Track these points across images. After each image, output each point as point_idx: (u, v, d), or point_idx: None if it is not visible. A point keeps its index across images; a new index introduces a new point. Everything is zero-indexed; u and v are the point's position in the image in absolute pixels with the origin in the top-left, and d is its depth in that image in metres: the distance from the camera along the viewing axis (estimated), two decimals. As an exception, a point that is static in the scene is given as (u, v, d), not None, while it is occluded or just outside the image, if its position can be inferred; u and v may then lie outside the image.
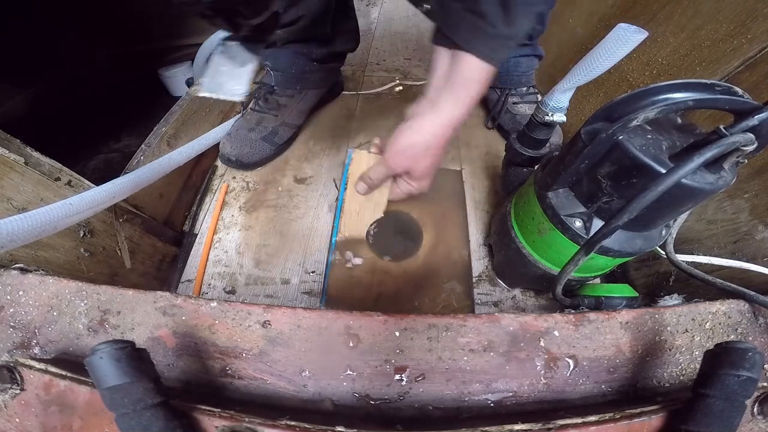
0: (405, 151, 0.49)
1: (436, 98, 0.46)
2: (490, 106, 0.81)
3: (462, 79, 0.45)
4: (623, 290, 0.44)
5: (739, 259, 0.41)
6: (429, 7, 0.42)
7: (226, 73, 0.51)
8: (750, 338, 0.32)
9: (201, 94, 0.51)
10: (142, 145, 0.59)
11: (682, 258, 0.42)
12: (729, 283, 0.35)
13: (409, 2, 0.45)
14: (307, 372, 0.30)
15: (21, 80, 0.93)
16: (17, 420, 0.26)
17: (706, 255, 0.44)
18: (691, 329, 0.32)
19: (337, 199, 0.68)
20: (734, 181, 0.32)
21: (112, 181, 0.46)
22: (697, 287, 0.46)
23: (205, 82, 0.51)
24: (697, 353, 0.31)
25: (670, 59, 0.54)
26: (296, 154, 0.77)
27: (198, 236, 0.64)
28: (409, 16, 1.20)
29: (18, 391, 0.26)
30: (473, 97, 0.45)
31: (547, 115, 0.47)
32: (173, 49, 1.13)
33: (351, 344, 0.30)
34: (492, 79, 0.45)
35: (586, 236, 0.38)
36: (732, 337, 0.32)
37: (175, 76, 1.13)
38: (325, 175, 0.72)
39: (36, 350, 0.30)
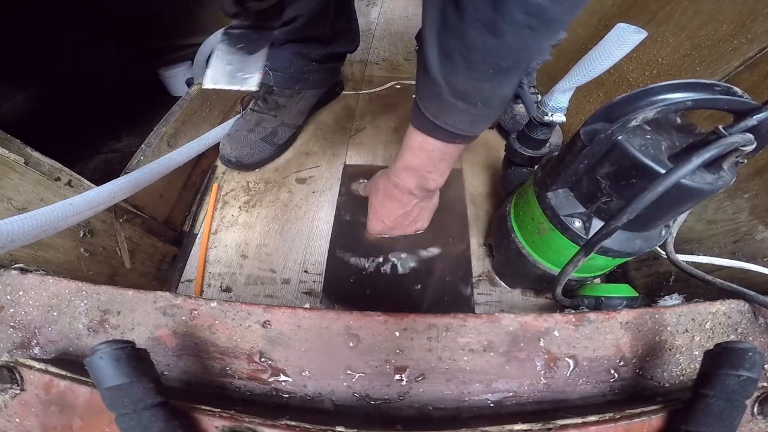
0: (378, 199, 0.56)
1: (392, 165, 0.50)
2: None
3: (405, 143, 0.45)
4: (623, 290, 0.44)
5: (739, 259, 0.41)
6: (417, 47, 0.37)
7: (234, 62, 0.47)
8: (750, 338, 0.32)
9: (206, 86, 0.46)
10: (142, 145, 0.59)
11: (682, 258, 0.42)
12: (729, 283, 0.35)
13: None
14: (307, 372, 0.30)
15: (21, 80, 0.93)
16: (17, 420, 0.26)
17: (706, 255, 0.44)
18: (691, 329, 0.32)
19: None
20: (734, 181, 0.32)
21: (112, 181, 0.46)
22: (697, 287, 0.46)
23: (210, 73, 0.46)
24: (697, 353, 0.31)
25: (670, 59, 0.54)
26: (296, 154, 0.77)
27: (198, 236, 0.64)
28: (409, 16, 1.20)
29: (18, 391, 0.26)
30: (413, 159, 0.45)
31: (547, 115, 0.47)
32: (173, 49, 1.13)
33: (351, 344, 0.30)
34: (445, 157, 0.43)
35: (585, 236, 0.38)
36: (732, 337, 0.32)
37: (175, 76, 1.13)
38: (326, 175, 0.72)
39: (36, 350, 0.30)
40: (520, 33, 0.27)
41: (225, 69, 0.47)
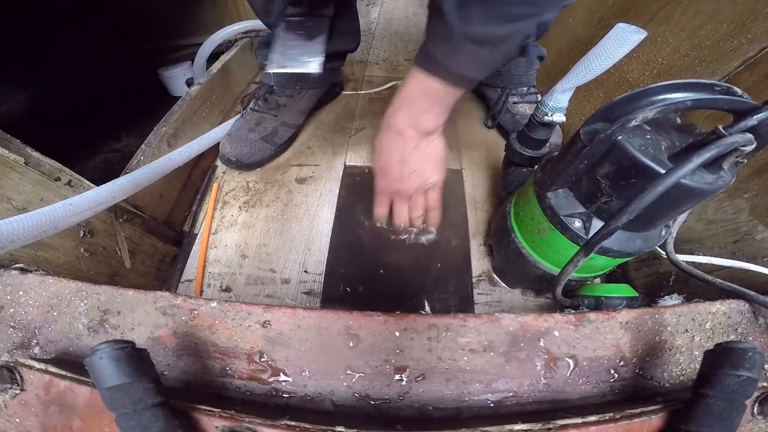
0: (376, 148, 0.52)
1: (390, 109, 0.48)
2: (490, 106, 0.81)
3: (404, 83, 0.45)
4: (623, 290, 0.44)
5: (739, 259, 0.41)
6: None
7: (296, 47, 0.50)
8: (750, 338, 0.32)
9: (272, 70, 0.49)
10: (142, 145, 0.59)
11: (682, 258, 0.42)
12: (729, 283, 0.35)
13: None
14: (307, 372, 0.30)
15: (21, 80, 0.93)
16: (17, 420, 0.26)
17: (706, 255, 0.44)
18: (691, 329, 0.32)
19: None
20: (734, 181, 0.32)
21: (112, 181, 0.46)
22: (697, 287, 0.46)
23: (275, 58, 0.49)
24: (697, 353, 0.31)
25: (670, 59, 0.54)
26: (296, 154, 0.77)
27: (198, 236, 0.64)
28: (409, 16, 1.20)
29: (18, 391, 0.26)
30: (400, 102, 0.46)
31: (547, 115, 0.47)
32: (173, 49, 1.14)
33: (351, 344, 0.30)
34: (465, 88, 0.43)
35: (585, 236, 0.38)
36: (732, 337, 0.32)
37: (175, 76, 1.13)
38: (325, 175, 0.72)
39: (36, 350, 0.30)
40: None
41: (288, 53, 0.51)
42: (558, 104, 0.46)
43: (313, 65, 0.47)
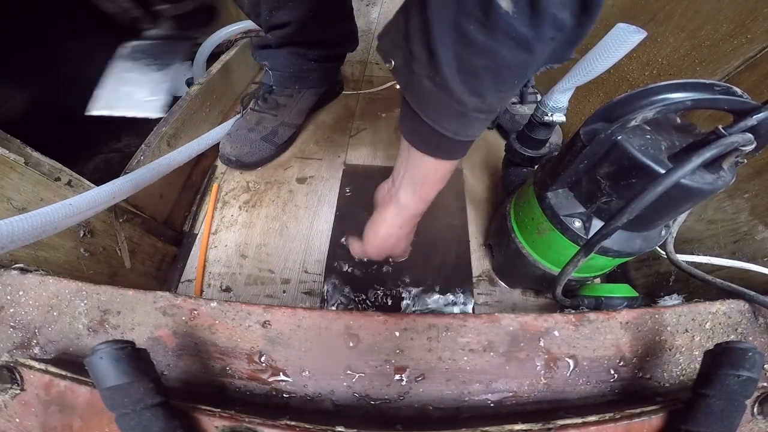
0: (380, 244, 0.50)
1: (398, 189, 0.44)
2: (490, 107, 0.81)
3: (420, 174, 0.42)
4: (623, 290, 0.44)
5: (739, 259, 0.41)
6: (394, 64, 0.33)
7: (135, 82, 0.39)
8: (750, 338, 0.32)
9: (95, 113, 0.37)
10: (142, 145, 0.59)
11: (682, 258, 0.42)
12: (729, 283, 0.35)
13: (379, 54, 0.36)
14: (307, 372, 0.30)
15: (21, 80, 0.92)
16: (17, 420, 0.26)
17: (706, 255, 0.44)
18: (691, 329, 0.32)
19: None
20: (734, 181, 0.32)
21: (112, 182, 0.46)
22: (697, 287, 0.46)
23: (103, 96, 0.38)
24: (697, 353, 0.31)
25: (670, 59, 0.54)
26: (296, 153, 0.77)
27: (198, 236, 0.64)
28: (409, 16, 1.20)
29: (18, 391, 0.26)
30: (434, 191, 0.43)
31: (547, 115, 0.47)
32: (173, 49, 1.13)
33: (351, 344, 0.30)
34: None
35: (585, 236, 0.38)
36: (732, 337, 0.32)
37: (175, 76, 1.13)
38: (325, 175, 0.72)
39: (36, 350, 0.30)
40: (546, 46, 0.28)
41: (121, 91, 0.40)
42: (558, 104, 0.46)
43: (151, 106, 0.36)
